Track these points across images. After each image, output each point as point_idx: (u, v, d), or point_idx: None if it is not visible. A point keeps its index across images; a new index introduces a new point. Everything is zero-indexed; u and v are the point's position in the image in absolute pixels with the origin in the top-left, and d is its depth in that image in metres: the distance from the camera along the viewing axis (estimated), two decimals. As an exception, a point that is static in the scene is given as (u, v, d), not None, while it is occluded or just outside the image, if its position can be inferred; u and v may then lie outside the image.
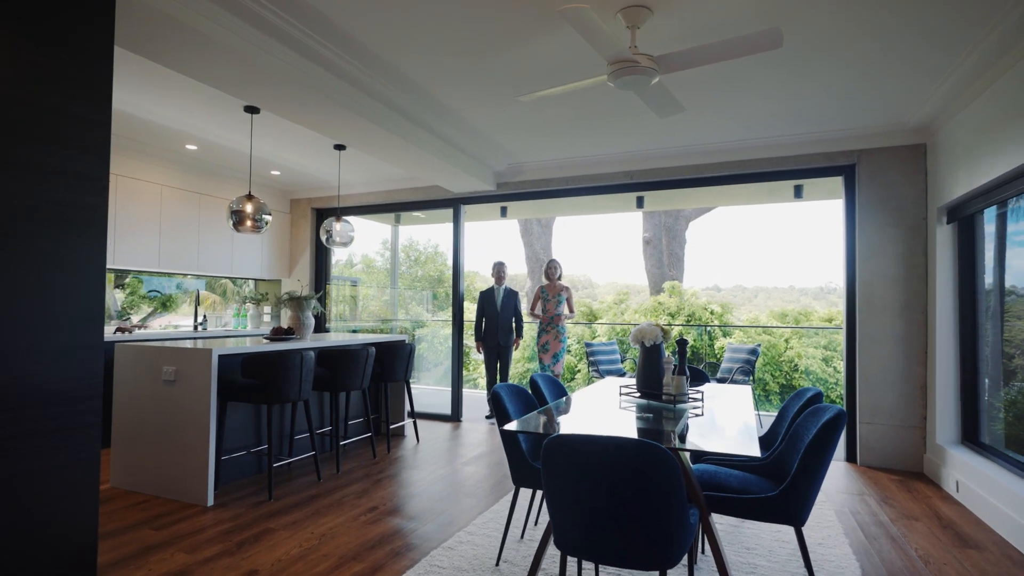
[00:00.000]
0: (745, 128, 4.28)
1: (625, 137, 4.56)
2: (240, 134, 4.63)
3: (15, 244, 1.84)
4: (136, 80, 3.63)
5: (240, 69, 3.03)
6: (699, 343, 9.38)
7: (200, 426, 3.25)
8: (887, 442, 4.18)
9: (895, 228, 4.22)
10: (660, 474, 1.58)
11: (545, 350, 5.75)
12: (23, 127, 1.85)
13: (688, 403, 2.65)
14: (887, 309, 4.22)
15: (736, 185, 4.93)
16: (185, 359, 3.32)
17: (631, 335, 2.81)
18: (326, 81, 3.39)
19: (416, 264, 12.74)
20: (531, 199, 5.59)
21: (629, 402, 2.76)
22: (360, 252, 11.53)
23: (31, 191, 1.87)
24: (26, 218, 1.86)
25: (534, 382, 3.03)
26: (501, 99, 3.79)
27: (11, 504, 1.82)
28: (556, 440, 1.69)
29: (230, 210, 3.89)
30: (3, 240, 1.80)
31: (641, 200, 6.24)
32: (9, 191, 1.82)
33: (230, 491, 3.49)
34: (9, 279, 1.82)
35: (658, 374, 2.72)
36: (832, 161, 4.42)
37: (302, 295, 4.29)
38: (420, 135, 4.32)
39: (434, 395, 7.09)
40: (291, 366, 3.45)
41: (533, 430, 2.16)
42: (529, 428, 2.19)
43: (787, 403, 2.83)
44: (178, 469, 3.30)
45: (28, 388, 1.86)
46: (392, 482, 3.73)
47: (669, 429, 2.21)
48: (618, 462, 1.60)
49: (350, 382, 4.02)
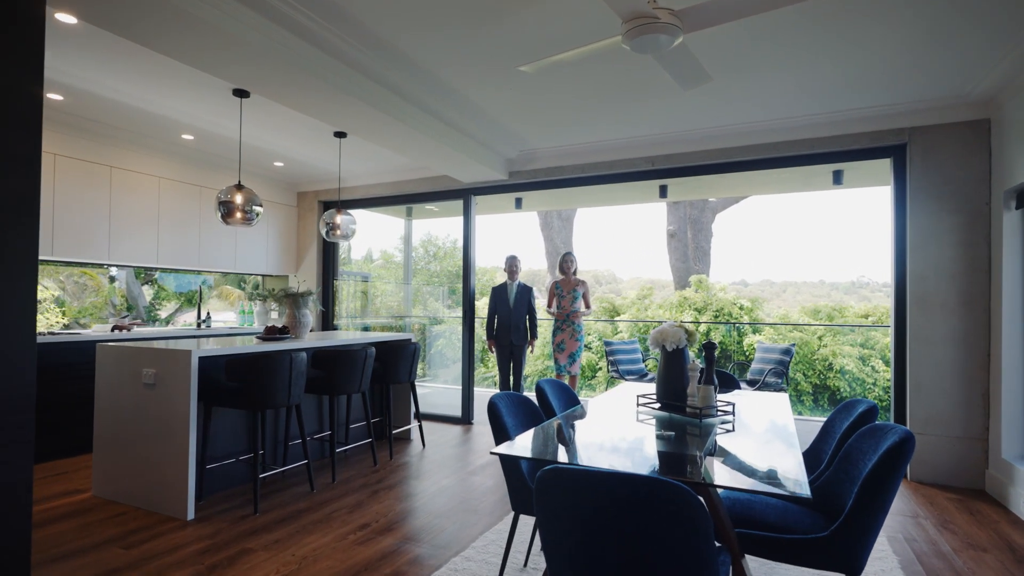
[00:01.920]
0: (779, 105, 3.85)
1: (644, 119, 4.17)
2: (236, 121, 4.38)
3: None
4: (125, 65, 3.39)
5: (224, 46, 2.78)
6: (727, 340, 8.91)
7: (179, 433, 3.00)
8: (943, 456, 3.73)
9: (953, 215, 3.75)
10: (683, 522, 1.23)
11: (561, 349, 5.40)
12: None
13: (716, 417, 2.28)
14: (943, 306, 3.76)
15: (768, 171, 4.49)
16: (164, 361, 3.08)
17: (650, 337, 2.45)
18: (316, 59, 3.09)
19: (435, 259, 12.49)
20: (545, 188, 5.23)
21: (648, 414, 2.40)
22: (379, 247, 11.32)
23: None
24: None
25: (540, 389, 2.69)
26: (507, 76, 3.45)
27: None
28: (552, 474, 1.35)
29: (218, 201, 3.64)
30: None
31: (664, 189, 5.82)
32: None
33: (216, 502, 3.24)
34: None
35: (681, 382, 2.36)
36: (879, 141, 3.96)
37: (298, 291, 4.03)
38: (423, 119, 4.00)
39: (450, 394, 6.80)
40: (278, 368, 3.18)
41: (526, 454, 1.83)
42: (519, 451, 1.86)
43: (833, 416, 2.44)
44: (158, 479, 3.07)
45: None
46: (389, 494, 3.44)
47: (694, 453, 1.85)
48: (629, 504, 1.26)
49: (347, 385, 3.74)
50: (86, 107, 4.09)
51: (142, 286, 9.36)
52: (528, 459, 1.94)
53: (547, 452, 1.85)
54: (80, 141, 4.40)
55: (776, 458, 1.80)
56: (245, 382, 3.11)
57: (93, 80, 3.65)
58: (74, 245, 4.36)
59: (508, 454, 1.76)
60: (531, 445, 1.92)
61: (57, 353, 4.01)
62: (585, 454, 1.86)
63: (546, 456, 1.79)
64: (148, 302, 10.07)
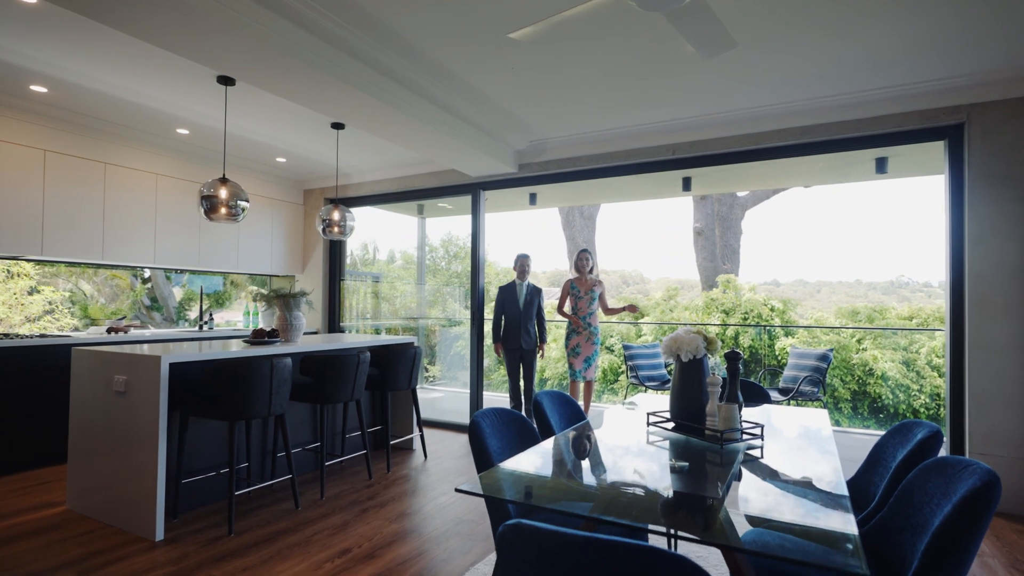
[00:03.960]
0: (815, 82, 3.43)
1: (663, 101, 3.79)
2: (232, 115, 4.16)
3: None
4: (104, 52, 3.19)
5: (202, 29, 2.57)
6: (756, 344, 8.40)
7: (147, 446, 2.76)
8: (1008, 479, 3.25)
9: (1018, 204, 3.27)
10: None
11: (576, 354, 5.04)
12: None
13: (741, 442, 1.91)
14: (1008, 309, 3.29)
15: (802, 158, 4.05)
16: (134, 367, 2.85)
17: (663, 345, 2.09)
18: (303, 41, 2.82)
19: (456, 259, 12.24)
20: (557, 181, 4.88)
21: (660, 435, 2.05)
22: (400, 248, 11.13)
23: None
24: None
25: (538, 404, 2.36)
26: (506, 54, 3.12)
27: None
28: (512, 532, 1.02)
29: (200, 196, 3.40)
30: None
31: (687, 181, 5.41)
32: None
33: (191, 520, 3.00)
34: None
35: (699, 400, 2.00)
36: (931, 121, 3.50)
37: (290, 292, 3.78)
38: (421, 106, 3.71)
39: (466, 399, 6.49)
40: (257, 375, 2.92)
41: (499, 492, 1.50)
42: (489, 486, 1.53)
43: (885, 440, 2.04)
44: (128, 495, 2.83)
45: None
46: (380, 513, 3.15)
47: (712, 495, 1.50)
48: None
49: (338, 393, 3.47)
50: (74, 100, 3.91)
51: (172, 287, 9.39)
52: (490, 498, 1.61)
53: (519, 490, 1.52)
54: (71, 137, 4.24)
55: (819, 512, 1.43)
56: (221, 389, 2.86)
57: (76, 71, 3.47)
58: (65, 245, 4.20)
59: (470, 491, 1.43)
60: (503, 479, 1.59)
61: (40, 356, 3.84)
62: (570, 495, 1.52)
63: (519, 496, 1.46)
64: (178, 303, 10.08)
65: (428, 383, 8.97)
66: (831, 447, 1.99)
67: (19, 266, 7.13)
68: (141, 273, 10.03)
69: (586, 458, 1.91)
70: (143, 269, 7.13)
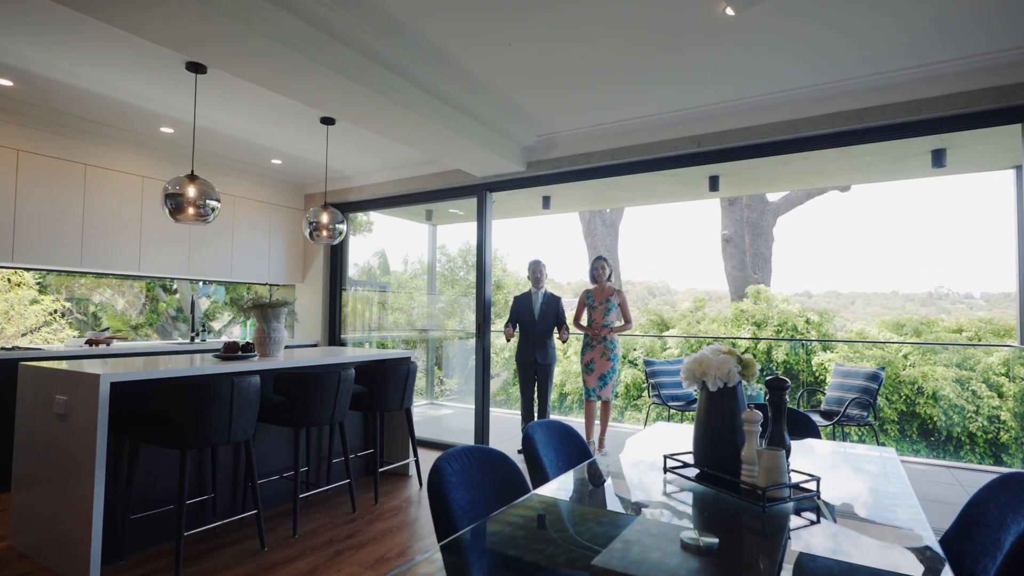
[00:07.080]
0: (860, 57, 2.93)
1: (684, 84, 3.33)
2: (211, 108, 3.85)
3: None
4: (64, 39, 2.88)
5: (171, 8, 2.19)
6: (792, 359, 7.76)
7: (85, 476, 2.39)
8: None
9: (1122, 195, 2.71)
10: None
11: (590, 370, 4.56)
12: None
13: (790, 502, 1.43)
14: (1110, 321, 2.71)
15: (848, 148, 3.52)
16: (74, 387, 2.49)
17: (684, 368, 1.63)
18: (278, 20, 2.47)
19: (473, 269, 11.87)
20: (570, 180, 4.44)
21: (680, 487, 1.58)
22: (416, 258, 10.80)
23: None
24: None
25: (528, 440, 1.90)
26: (506, 27, 2.72)
27: None
28: None
29: (164, 194, 3.06)
30: None
31: (715, 181, 4.93)
32: None
33: (137, 563, 2.61)
34: None
35: (732, 441, 1.52)
36: (1005, 99, 2.96)
37: (268, 302, 3.42)
38: (417, 95, 3.33)
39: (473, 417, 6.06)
40: (214, 396, 2.53)
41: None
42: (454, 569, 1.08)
43: (985, 496, 1.53)
44: (66, 532, 2.47)
45: None
46: (355, 557, 2.72)
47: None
48: None
49: (316, 414, 3.07)
50: (45, 95, 3.65)
51: (199, 299, 9.25)
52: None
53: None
54: (47, 136, 3.98)
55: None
56: (172, 413, 2.48)
57: (40, 61, 3.18)
58: (38, 251, 3.92)
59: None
60: (469, 549, 1.15)
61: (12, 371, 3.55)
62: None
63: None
64: (203, 314, 9.92)
65: (441, 398, 8.56)
66: (918, 515, 1.49)
67: (19, 275, 7.01)
68: (169, 285, 9.92)
69: (575, 526, 1.45)
70: (172, 281, 6.93)
